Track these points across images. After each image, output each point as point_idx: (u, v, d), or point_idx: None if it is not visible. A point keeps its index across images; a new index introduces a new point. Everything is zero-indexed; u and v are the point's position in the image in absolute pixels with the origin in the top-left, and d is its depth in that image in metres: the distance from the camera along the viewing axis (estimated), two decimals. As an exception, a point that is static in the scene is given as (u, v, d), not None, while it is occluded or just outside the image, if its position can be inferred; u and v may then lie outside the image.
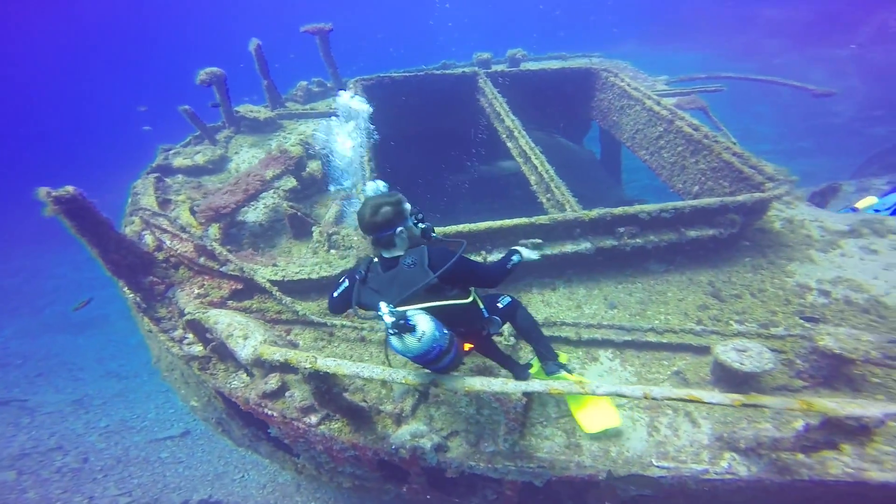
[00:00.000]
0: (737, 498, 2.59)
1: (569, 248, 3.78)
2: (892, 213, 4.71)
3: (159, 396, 8.91)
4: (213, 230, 3.93)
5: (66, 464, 7.15)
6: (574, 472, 2.61)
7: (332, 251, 3.98)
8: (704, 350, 3.15)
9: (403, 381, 1.97)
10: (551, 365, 2.82)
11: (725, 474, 2.45)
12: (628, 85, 6.14)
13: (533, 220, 3.70)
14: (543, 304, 3.76)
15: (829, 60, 20.67)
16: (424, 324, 1.89)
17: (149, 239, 3.77)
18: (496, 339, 3.16)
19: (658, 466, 2.59)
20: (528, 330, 2.89)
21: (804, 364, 2.80)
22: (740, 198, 3.63)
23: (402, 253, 2.17)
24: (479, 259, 3.72)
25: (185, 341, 2.99)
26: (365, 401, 2.96)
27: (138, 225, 3.74)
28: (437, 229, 3.58)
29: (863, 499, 2.37)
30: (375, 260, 2.25)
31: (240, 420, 3.27)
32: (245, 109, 6.59)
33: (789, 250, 3.98)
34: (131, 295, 3.16)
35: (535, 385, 2.12)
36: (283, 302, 3.26)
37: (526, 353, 3.34)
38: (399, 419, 2.89)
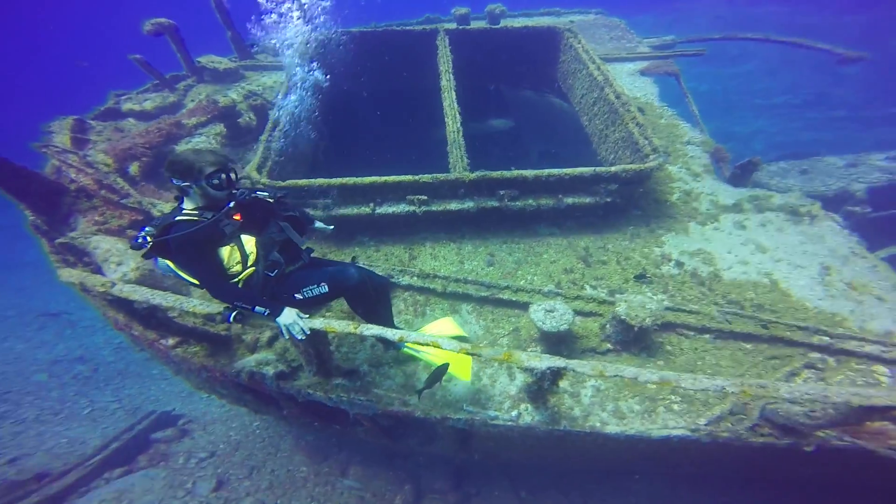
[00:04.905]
0: (528, 441, 2.91)
1: (454, 206, 3.96)
2: None
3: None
4: (133, 168, 4.30)
5: (81, 372, 8.30)
6: (396, 408, 2.95)
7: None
8: (548, 310, 3.36)
9: (191, 310, 2.30)
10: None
11: (508, 421, 2.75)
12: (582, 47, 5.93)
13: (417, 177, 3.87)
14: (431, 258, 4.00)
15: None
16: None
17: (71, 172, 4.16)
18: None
19: (466, 409, 2.91)
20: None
21: (610, 329, 3.00)
22: (613, 168, 3.68)
23: (187, 206, 2.28)
24: (366, 210, 3.94)
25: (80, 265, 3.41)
26: (227, 330, 3.35)
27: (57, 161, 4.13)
28: (327, 180, 3.82)
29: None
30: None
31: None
32: (207, 60, 6.74)
33: (672, 221, 4.05)
34: (32, 217, 3.62)
35: (315, 323, 2.41)
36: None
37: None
38: (254, 348, 3.28)
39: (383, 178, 3.86)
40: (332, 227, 2.98)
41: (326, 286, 2.46)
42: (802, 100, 17.16)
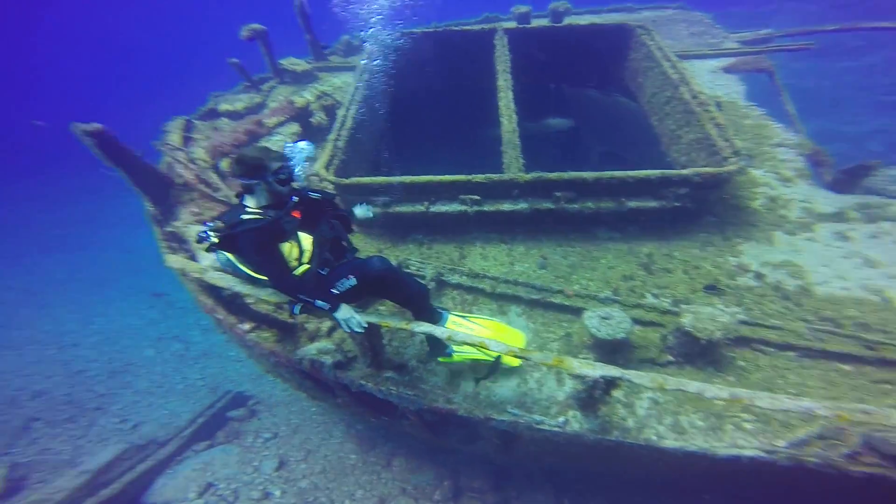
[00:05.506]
0: (575, 449, 2.78)
1: (506, 206, 3.91)
2: None
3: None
4: (224, 163, 4.79)
5: (177, 350, 9.35)
6: (441, 405, 2.97)
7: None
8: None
9: (265, 297, 2.51)
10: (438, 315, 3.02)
11: (555, 427, 2.65)
12: (655, 44, 5.58)
13: (470, 177, 3.87)
14: (481, 258, 3.97)
15: None
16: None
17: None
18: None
19: (510, 412, 2.86)
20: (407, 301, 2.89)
21: (673, 340, 2.77)
22: (684, 172, 3.41)
23: (251, 204, 2.43)
24: (420, 209, 4.01)
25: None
26: (293, 319, 3.57)
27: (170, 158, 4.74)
28: (393, 178, 3.95)
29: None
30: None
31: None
32: (288, 62, 7.29)
33: (752, 230, 3.67)
34: (151, 208, 4.15)
35: (371, 317, 2.50)
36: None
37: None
38: (314, 337, 3.48)
39: (438, 178, 3.90)
40: (371, 213, 2.97)
41: (354, 277, 2.51)
42: (922, 98, 14.60)
